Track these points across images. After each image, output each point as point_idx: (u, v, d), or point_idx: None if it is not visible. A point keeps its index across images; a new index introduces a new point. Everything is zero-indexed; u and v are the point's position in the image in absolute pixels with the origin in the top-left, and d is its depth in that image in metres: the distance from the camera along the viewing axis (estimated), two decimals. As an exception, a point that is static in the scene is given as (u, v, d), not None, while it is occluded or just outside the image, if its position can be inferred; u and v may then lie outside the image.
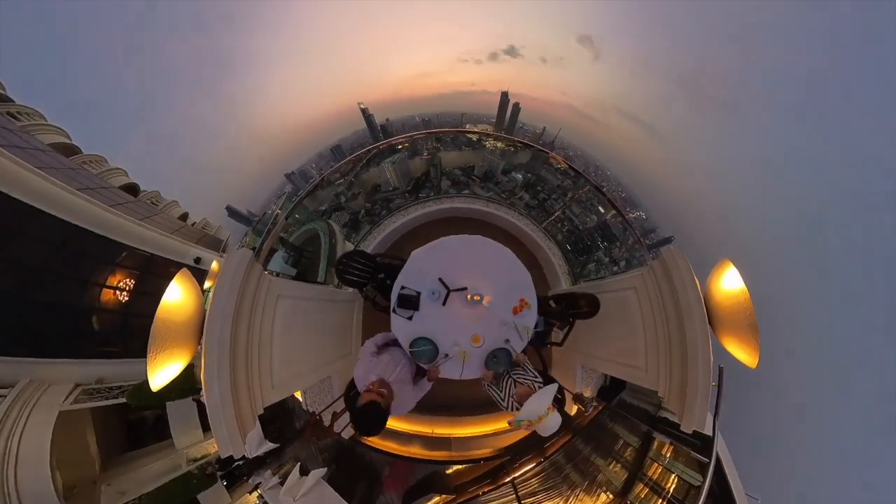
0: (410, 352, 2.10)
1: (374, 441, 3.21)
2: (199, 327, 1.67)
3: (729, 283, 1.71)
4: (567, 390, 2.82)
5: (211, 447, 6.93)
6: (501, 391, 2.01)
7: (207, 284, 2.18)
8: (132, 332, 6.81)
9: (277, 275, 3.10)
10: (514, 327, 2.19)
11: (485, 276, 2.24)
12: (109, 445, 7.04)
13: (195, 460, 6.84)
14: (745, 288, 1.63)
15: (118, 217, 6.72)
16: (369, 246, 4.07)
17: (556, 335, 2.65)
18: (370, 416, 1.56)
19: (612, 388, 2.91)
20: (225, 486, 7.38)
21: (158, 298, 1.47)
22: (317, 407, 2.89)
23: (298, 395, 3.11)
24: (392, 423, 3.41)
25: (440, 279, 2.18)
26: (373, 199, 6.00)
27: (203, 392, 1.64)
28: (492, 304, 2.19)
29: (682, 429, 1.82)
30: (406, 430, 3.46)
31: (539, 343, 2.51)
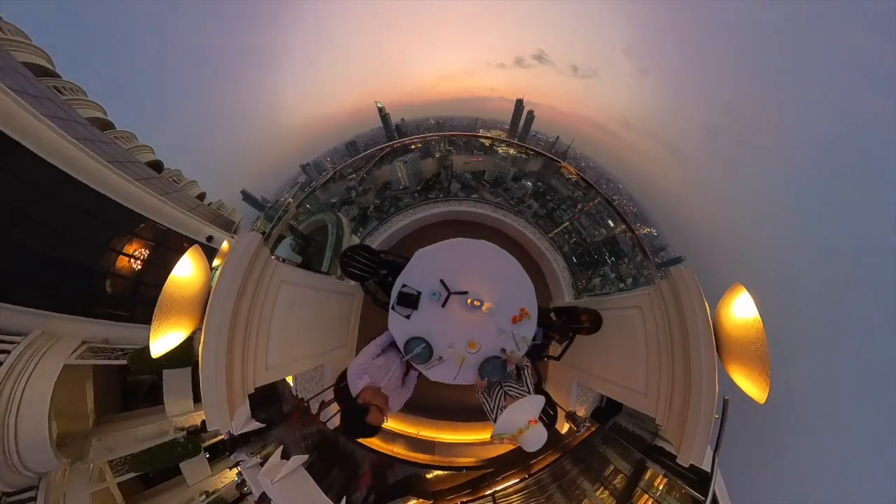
0: (405, 350, 2.12)
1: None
2: (203, 302, 1.73)
3: (741, 309, 1.61)
4: (560, 407, 2.77)
5: (198, 418, 7.13)
6: (492, 401, 1.99)
7: (216, 262, 2.26)
8: (140, 300, 7.12)
9: (283, 261, 3.18)
10: (512, 336, 2.17)
11: (487, 282, 2.23)
12: (105, 403, 7.35)
13: (182, 429, 7.06)
14: (759, 317, 1.54)
15: (141, 190, 7.11)
16: (375, 242, 4.14)
17: (555, 349, 2.61)
18: (361, 426, 1.62)
19: (607, 410, 2.84)
20: (207, 458, 7.59)
21: (169, 270, 1.53)
22: (306, 394, 2.95)
23: (290, 379, 3.19)
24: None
25: (441, 280, 2.19)
26: (382, 196, 6.12)
27: (199, 365, 1.71)
28: (491, 311, 2.18)
29: (678, 461, 1.75)
30: (391, 428, 3.46)
31: (536, 355, 2.48)
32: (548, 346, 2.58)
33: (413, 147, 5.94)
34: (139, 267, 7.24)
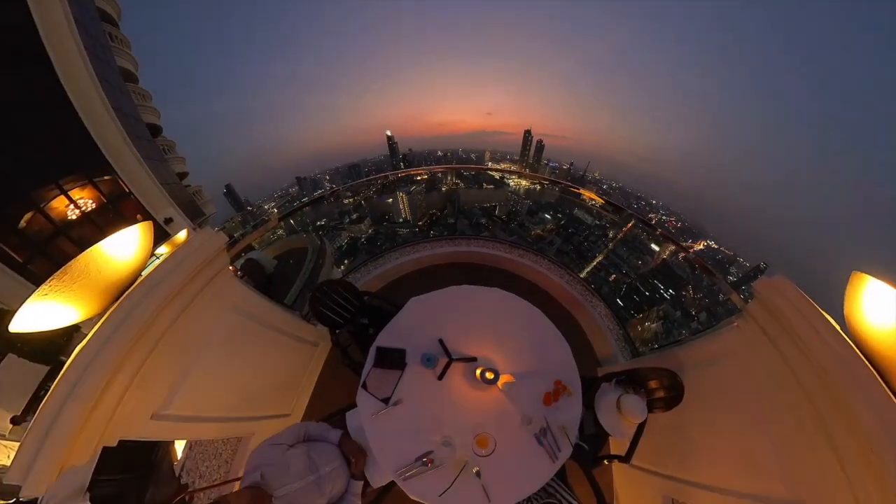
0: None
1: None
2: (121, 290, 1.44)
3: (880, 309, 1.10)
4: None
5: (4, 455, 5.41)
6: None
7: (162, 249, 2.02)
8: (49, 252, 6.47)
9: (243, 277, 2.89)
10: (546, 426, 1.64)
11: (503, 345, 1.89)
12: None
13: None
14: None
15: (125, 144, 7.43)
16: (360, 280, 3.81)
17: (618, 443, 1.96)
18: None
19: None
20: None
21: (104, 236, 1.34)
22: (196, 479, 2.28)
23: (178, 447, 2.52)
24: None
25: (441, 341, 1.87)
26: (378, 228, 6.20)
27: (62, 370, 1.31)
28: (511, 387, 1.75)
29: None
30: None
31: (587, 458, 1.79)
32: (605, 439, 1.91)
33: (418, 178, 6.25)
34: (74, 217, 6.86)
